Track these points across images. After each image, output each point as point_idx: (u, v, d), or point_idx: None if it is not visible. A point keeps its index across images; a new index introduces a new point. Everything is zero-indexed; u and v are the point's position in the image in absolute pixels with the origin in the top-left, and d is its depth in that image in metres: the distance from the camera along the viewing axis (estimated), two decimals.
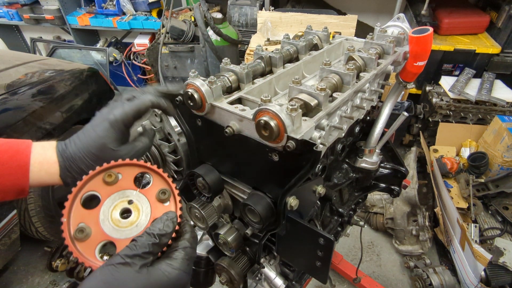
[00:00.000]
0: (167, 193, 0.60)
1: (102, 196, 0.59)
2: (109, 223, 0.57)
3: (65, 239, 0.54)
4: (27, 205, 2.11)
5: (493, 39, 3.18)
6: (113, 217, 0.57)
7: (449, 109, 2.96)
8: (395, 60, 1.02)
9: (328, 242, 0.78)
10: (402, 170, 1.25)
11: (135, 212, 0.59)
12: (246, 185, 0.88)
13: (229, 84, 0.85)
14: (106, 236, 0.56)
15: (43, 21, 4.74)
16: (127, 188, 0.60)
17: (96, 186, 0.59)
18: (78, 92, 2.45)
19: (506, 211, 2.40)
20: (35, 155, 0.64)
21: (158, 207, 0.60)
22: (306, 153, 0.67)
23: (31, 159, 0.63)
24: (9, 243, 2.00)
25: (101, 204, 0.58)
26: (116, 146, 0.67)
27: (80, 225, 0.55)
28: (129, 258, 0.51)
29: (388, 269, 2.48)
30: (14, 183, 0.62)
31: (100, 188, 0.59)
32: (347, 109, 0.89)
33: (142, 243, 0.53)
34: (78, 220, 0.56)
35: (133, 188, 0.61)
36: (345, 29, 3.15)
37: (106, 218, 0.57)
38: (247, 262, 1.03)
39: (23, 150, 0.63)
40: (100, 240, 0.55)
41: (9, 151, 0.62)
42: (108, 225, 0.57)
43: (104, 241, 0.56)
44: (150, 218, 0.59)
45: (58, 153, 0.66)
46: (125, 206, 0.59)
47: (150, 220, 0.58)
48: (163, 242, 0.55)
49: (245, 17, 3.91)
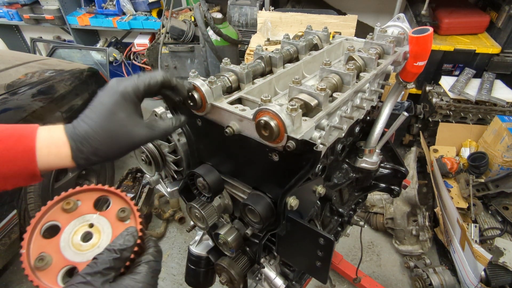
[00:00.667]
0: (127, 211, 0.60)
1: (62, 224, 0.59)
2: (70, 249, 0.57)
3: (25, 269, 0.54)
4: (27, 205, 2.11)
5: (493, 39, 3.18)
6: (74, 242, 0.58)
7: (449, 109, 2.96)
8: (395, 60, 1.02)
9: (328, 242, 0.78)
10: (402, 170, 1.25)
11: (96, 234, 0.59)
12: (246, 185, 0.88)
13: (229, 84, 0.85)
14: (68, 262, 0.56)
15: (43, 21, 4.74)
16: (87, 213, 0.61)
17: (56, 215, 0.60)
18: (78, 92, 2.45)
19: (506, 211, 2.40)
20: (41, 139, 0.61)
21: (119, 226, 0.60)
22: (306, 153, 0.67)
23: (37, 143, 0.60)
24: (9, 243, 2.00)
25: (61, 232, 0.58)
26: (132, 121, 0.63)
27: (41, 254, 0.55)
28: (90, 276, 0.50)
29: (388, 269, 2.48)
30: (22, 168, 0.60)
31: (60, 216, 0.60)
32: (347, 109, 0.89)
33: (102, 259, 0.52)
34: (38, 250, 0.56)
35: (93, 212, 0.61)
36: (345, 29, 3.15)
37: (67, 244, 0.57)
38: (247, 262, 1.04)
39: (28, 135, 0.60)
40: (62, 266, 0.56)
41: (13, 136, 0.59)
42: (70, 251, 0.57)
43: (66, 267, 0.56)
44: (111, 238, 0.59)
45: (68, 135, 0.61)
46: (86, 230, 0.59)
47: (111, 239, 0.59)
48: (124, 257, 0.54)
49: (245, 17, 3.91)
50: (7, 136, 0.58)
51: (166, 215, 2.77)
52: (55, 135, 0.61)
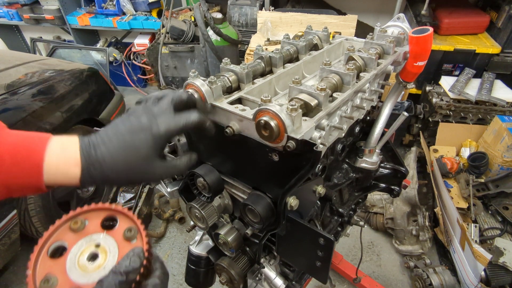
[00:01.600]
0: (133, 230, 0.60)
1: (69, 244, 0.59)
2: (76, 270, 0.56)
3: None
4: (27, 205, 2.11)
5: (493, 39, 3.18)
6: (80, 263, 0.57)
7: (449, 109, 2.96)
8: (395, 60, 1.02)
9: (328, 242, 0.78)
10: (402, 170, 1.25)
11: (102, 254, 0.58)
12: (246, 185, 0.88)
13: (229, 84, 0.85)
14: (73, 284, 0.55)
15: (43, 21, 4.74)
16: (94, 232, 0.60)
17: (63, 235, 0.59)
18: (78, 92, 2.45)
19: (506, 211, 2.40)
20: (51, 155, 0.59)
21: (125, 246, 0.59)
22: (306, 153, 0.67)
23: (46, 160, 0.59)
24: (9, 243, 2.00)
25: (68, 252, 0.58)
26: (153, 161, 0.62)
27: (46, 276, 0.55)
28: None
29: (388, 269, 2.48)
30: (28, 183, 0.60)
31: (67, 236, 0.59)
32: (347, 109, 0.89)
33: (108, 283, 0.51)
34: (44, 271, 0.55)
35: (100, 231, 0.60)
36: (345, 29, 3.15)
37: (73, 265, 0.57)
38: (247, 262, 1.04)
39: (38, 150, 0.59)
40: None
41: (23, 151, 0.58)
42: (75, 272, 0.56)
43: None
44: (117, 258, 0.58)
45: (82, 155, 0.59)
46: (92, 250, 0.59)
47: (117, 260, 0.58)
48: (130, 279, 0.53)
49: (245, 17, 3.91)
50: (16, 151, 0.58)
51: (166, 215, 2.77)
52: (67, 154, 0.59)
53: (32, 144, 0.59)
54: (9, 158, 0.57)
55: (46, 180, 0.59)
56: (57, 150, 0.60)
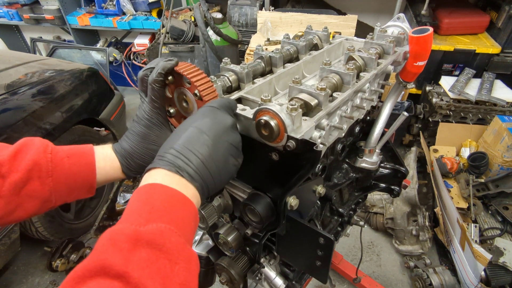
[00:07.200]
0: None
1: None
2: None
3: None
4: None
5: (493, 39, 3.18)
6: None
7: (449, 109, 2.96)
8: (395, 60, 1.02)
9: (328, 241, 0.78)
10: (402, 170, 1.25)
11: None
12: (246, 184, 0.88)
13: (229, 83, 0.85)
14: None
15: (43, 21, 4.74)
16: None
17: None
18: (78, 92, 2.44)
19: (506, 211, 2.40)
20: (98, 154, 0.73)
21: None
22: (306, 153, 0.67)
23: (96, 157, 0.73)
24: (9, 243, 2.00)
25: None
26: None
27: None
28: None
29: (388, 269, 2.48)
30: (85, 180, 0.71)
31: None
32: (347, 109, 0.89)
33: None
34: None
35: None
36: (345, 29, 3.15)
37: None
38: (247, 262, 1.03)
39: (88, 151, 0.73)
40: None
41: (77, 153, 0.71)
42: None
43: None
44: None
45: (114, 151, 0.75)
46: None
47: None
48: None
49: (245, 17, 3.91)
50: (73, 153, 0.71)
51: None
52: (108, 151, 0.76)
53: (82, 148, 0.73)
54: (68, 159, 0.69)
55: (98, 174, 0.72)
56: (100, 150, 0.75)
